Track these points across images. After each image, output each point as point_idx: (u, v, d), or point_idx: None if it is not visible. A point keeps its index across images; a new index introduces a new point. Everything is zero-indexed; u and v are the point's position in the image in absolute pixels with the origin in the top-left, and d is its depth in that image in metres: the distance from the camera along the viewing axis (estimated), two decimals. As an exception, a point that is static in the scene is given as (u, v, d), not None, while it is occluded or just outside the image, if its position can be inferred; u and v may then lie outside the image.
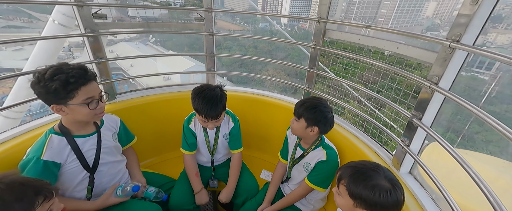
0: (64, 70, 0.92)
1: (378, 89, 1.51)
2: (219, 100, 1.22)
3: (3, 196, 0.63)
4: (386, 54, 3.04)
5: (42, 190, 0.71)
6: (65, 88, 0.91)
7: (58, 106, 0.95)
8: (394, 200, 0.74)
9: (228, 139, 1.48)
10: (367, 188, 0.75)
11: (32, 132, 1.24)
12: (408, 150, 1.07)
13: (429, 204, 0.98)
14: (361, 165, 0.82)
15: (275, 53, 15.73)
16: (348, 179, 0.80)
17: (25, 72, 1.28)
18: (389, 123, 1.44)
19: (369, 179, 0.77)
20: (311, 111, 1.16)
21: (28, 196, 0.67)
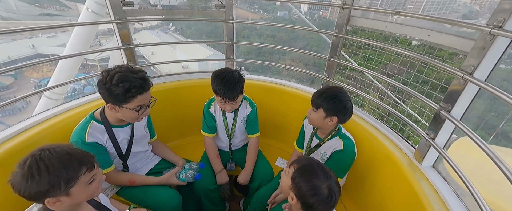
0: (129, 78, 1.00)
1: (404, 80, 1.44)
2: (237, 82, 1.26)
3: (54, 163, 0.70)
4: (414, 44, 2.87)
5: (85, 161, 0.77)
6: (125, 95, 1.00)
7: (113, 105, 1.05)
8: (319, 206, 0.82)
9: (245, 124, 1.52)
10: (307, 182, 0.84)
11: (71, 111, 1.37)
12: (433, 143, 1.03)
13: (453, 199, 0.95)
14: (318, 164, 0.89)
15: (294, 43, 15.32)
16: (300, 167, 0.89)
17: (64, 56, 1.39)
18: (414, 116, 1.37)
19: (314, 177, 0.84)
20: (331, 101, 1.14)
21: (73, 165, 0.74)
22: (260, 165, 1.58)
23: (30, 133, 1.16)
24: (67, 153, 0.74)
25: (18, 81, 15.61)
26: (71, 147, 0.77)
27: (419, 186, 1.03)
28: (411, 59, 1.28)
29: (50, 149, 0.73)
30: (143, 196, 1.26)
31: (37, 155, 0.70)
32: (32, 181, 0.67)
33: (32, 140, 1.14)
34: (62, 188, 0.71)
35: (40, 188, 0.68)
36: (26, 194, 0.69)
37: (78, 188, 0.75)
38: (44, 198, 0.71)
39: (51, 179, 0.69)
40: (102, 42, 16.41)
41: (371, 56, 1.72)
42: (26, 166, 0.68)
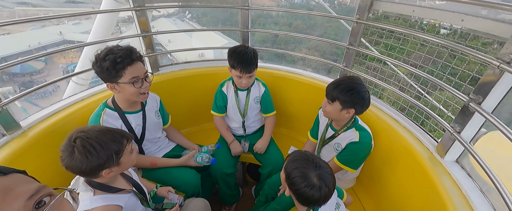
0: (113, 51, 1.03)
1: (429, 70, 1.35)
2: (253, 56, 1.35)
3: (102, 138, 0.80)
4: (443, 32, 2.66)
5: (125, 134, 0.88)
6: (114, 67, 1.02)
7: (111, 84, 1.08)
8: (310, 195, 0.82)
9: (258, 103, 1.57)
10: (297, 170, 0.86)
11: (96, 95, 1.44)
12: (458, 137, 0.97)
13: (476, 196, 0.90)
14: (309, 156, 0.90)
15: (310, 31, 14.80)
16: (291, 157, 0.92)
17: (88, 43, 1.46)
18: (438, 108, 1.30)
19: (304, 166, 0.86)
20: (348, 93, 1.10)
21: (117, 137, 0.84)
22: (271, 152, 1.60)
23: (61, 115, 1.25)
24: (107, 130, 0.84)
25: (48, 65, 16.66)
26: (105, 126, 0.87)
27: (440, 180, 0.99)
28: (439, 47, 1.19)
29: (90, 130, 0.81)
30: (165, 177, 1.34)
31: (83, 135, 0.78)
32: (92, 157, 0.76)
33: (63, 121, 1.23)
34: (115, 159, 0.82)
35: (100, 161, 0.78)
36: (87, 169, 0.78)
37: (125, 157, 0.86)
38: (101, 170, 0.81)
39: (106, 152, 0.79)
40: (122, 29, 16.90)
41: (394, 44, 1.62)
42: (80, 146, 0.76)
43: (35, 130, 1.13)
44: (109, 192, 0.89)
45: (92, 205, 0.83)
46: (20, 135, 1.10)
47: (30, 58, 1.15)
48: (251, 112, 1.59)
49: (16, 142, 1.06)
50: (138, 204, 1.01)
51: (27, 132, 1.12)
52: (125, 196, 0.93)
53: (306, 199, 0.85)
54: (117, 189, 0.91)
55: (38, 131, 1.14)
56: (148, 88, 1.17)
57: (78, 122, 1.28)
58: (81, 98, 1.37)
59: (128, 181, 1.01)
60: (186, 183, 1.35)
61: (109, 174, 0.84)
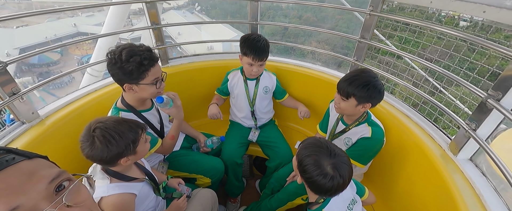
0: (137, 52, 0.99)
1: (445, 64, 1.29)
2: (266, 44, 1.37)
3: (120, 128, 0.83)
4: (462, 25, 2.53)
5: (139, 124, 0.92)
6: (139, 69, 0.99)
7: (130, 85, 1.04)
8: (322, 184, 0.78)
9: (268, 94, 1.59)
10: (309, 157, 0.82)
11: (110, 86, 1.47)
12: (473, 135, 0.93)
13: (490, 195, 0.87)
14: (323, 142, 0.85)
15: (321, 24, 14.44)
16: (304, 144, 0.88)
17: (100, 35, 1.49)
18: (453, 104, 1.25)
19: (317, 152, 0.82)
20: (364, 89, 1.06)
21: (133, 127, 0.88)
22: (279, 145, 1.60)
23: (76, 104, 1.30)
24: (123, 120, 0.87)
25: (63, 57, 17.26)
26: (121, 117, 0.89)
27: (452, 178, 0.96)
28: (457, 40, 1.13)
29: (107, 120, 0.84)
30: (193, 165, 1.41)
31: (101, 126, 0.81)
32: (112, 146, 0.80)
33: (79, 111, 1.28)
34: (132, 147, 0.86)
35: (119, 150, 0.82)
36: (108, 158, 0.82)
37: (140, 146, 0.90)
38: (120, 159, 0.85)
39: (124, 141, 0.83)
40: (133, 21, 17.16)
41: (409, 37, 1.56)
42: (100, 136, 0.80)
43: (52, 118, 1.19)
44: (124, 181, 0.92)
45: (108, 192, 0.87)
46: (38, 123, 1.15)
47: (46, 50, 1.19)
48: (260, 102, 1.60)
49: (35, 130, 1.11)
50: (151, 192, 1.05)
51: (45, 120, 1.17)
52: (139, 185, 0.97)
53: (317, 187, 0.81)
54: (131, 178, 0.95)
55: (55, 119, 1.19)
56: (164, 87, 1.17)
57: (93, 111, 1.33)
58: (95, 89, 1.41)
59: (141, 170, 1.04)
60: (214, 168, 1.44)
61: (127, 162, 0.88)
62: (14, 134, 1.06)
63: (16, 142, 1.04)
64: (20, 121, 1.12)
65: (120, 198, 0.88)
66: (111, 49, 1.02)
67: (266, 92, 1.59)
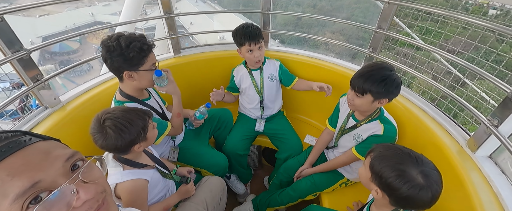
0: (135, 39, 1.01)
1: (470, 56, 1.21)
2: (255, 27, 1.40)
3: (129, 116, 0.86)
4: (491, 14, 2.34)
5: (146, 111, 0.95)
6: (140, 55, 1.02)
7: (129, 72, 1.04)
8: (421, 198, 0.66)
9: (274, 81, 1.59)
10: (391, 169, 0.69)
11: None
12: (495, 131, 0.89)
13: (508, 193, 0.84)
14: (401, 148, 0.73)
15: (336, 14, 13.87)
16: (377, 153, 0.74)
17: (114, 24, 1.52)
18: (475, 99, 1.18)
19: (399, 162, 0.69)
20: (381, 84, 0.99)
21: (140, 115, 0.91)
22: (289, 137, 1.61)
23: (95, 91, 1.36)
24: (131, 109, 0.90)
25: (82, 46, 17.90)
26: (126, 106, 0.92)
27: (468, 176, 0.93)
28: (484, 30, 1.06)
29: (114, 110, 0.87)
30: (198, 159, 1.44)
31: (110, 116, 0.84)
32: (125, 134, 0.84)
33: (97, 97, 1.34)
34: (143, 134, 0.89)
35: (132, 137, 0.86)
36: (123, 146, 0.86)
37: (150, 132, 0.93)
38: (133, 146, 0.89)
39: (135, 128, 0.86)
40: (147, 11, 17.36)
41: (431, 27, 1.47)
42: (112, 126, 0.83)
43: (73, 104, 1.25)
44: (136, 168, 0.96)
45: (123, 179, 0.92)
46: (60, 108, 1.22)
47: (66, 38, 1.24)
48: (268, 91, 1.60)
49: (57, 115, 1.18)
50: (161, 179, 1.09)
51: (66, 106, 1.24)
52: (150, 172, 1.02)
53: (413, 203, 0.68)
54: (143, 165, 0.99)
55: (76, 105, 1.25)
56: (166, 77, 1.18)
57: (111, 97, 1.38)
58: (112, 76, 1.46)
59: (150, 158, 1.08)
60: (217, 164, 1.45)
61: (140, 149, 0.92)
62: (38, 118, 1.13)
63: (40, 126, 1.12)
64: (43, 106, 1.19)
65: (134, 183, 0.93)
66: (104, 39, 1.03)
67: (272, 80, 1.59)
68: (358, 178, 1.39)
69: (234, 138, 1.60)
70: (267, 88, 1.59)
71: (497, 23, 0.93)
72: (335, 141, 1.39)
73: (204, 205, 1.14)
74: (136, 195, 0.93)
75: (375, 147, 0.79)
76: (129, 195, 0.92)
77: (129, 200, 0.92)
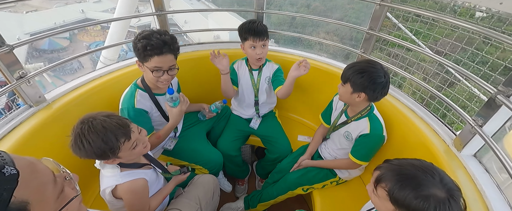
0: (151, 37, 1.05)
1: (456, 58, 1.25)
2: (262, 24, 1.38)
3: (93, 138, 0.77)
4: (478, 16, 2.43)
5: (120, 134, 0.82)
6: (143, 52, 1.05)
7: (139, 62, 1.12)
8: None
9: (268, 84, 1.57)
10: (418, 198, 0.61)
11: (116, 72, 1.49)
12: (479, 131, 0.91)
13: (492, 191, 0.86)
14: (410, 166, 0.67)
15: (330, 14, 13.98)
16: (392, 183, 0.66)
17: (104, 20, 1.50)
18: (461, 100, 1.22)
19: (421, 187, 0.62)
20: (358, 75, 1.03)
21: (110, 139, 0.79)
22: (279, 140, 1.62)
23: (83, 89, 1.32)
24: (103, 127, 0.79)
25: (72, 43, 17.42)
26: (107, 120, 0.80)
27: (454, 174, 0.95)
28: (470, 33, 1.09)
29: (89, 122, 0.79)
30: (193, 154, 1.43)
31: (79, 129, 0.78)
32: (83, 151, 0.78)
33: (86, 95, 1.30)
34: (111, 155, 0.82)
35: (93, 155, 0.80)
36: (86, 158, 0.81)
37: (124, 153, 0.85)
38: (101, 159, 0.86)
39: (95, 150, 0.78)
40: (140, 9, 17.09)
41: (420, 29, 1.50)
42: (72, 140, 0.79)
43: (59, 102, 1.21)
44: (134, 168, 0.95)
45: (123, 180, 0.90)
46: (45, 107, 1.18)
47: (54, 33, 1.20)
48: (262, 93, 1.60)
49: (42, 113, 1.15)
50: (158, 177, 1.09)
51: (52, 104, 1.20)
52: (148, 172, 1.01)
53: None
54: (140, 165, 0.98)
55: (62, 103, 1.21)
56: (169, 81, 1.17)
57: (100, 96, 1.35)
58: (101, 74, 1.43)
59: (147, 158, 1.07)
60: (213, 161, 1.45)
61: (114, 162, 0.87)
62: (21, 117, 1.09)
63: (23, 125, 1.08)
64: (27, 104, 1.15)
65: (135, 183, 0.93)
66: (139, 32, 1.11)
67: (268, 82, 1.59)
68: (349, 177, 1.41)
69: (226, 139, 1.60)
70: (262, 90, 1.59)
71: (482, 26, 0.96)
72: (328, 134, 1.43)
73: (197, 201, 1.15)
74: (137, 195, 0.94)
75: (380, 176, 0.71)
76: (131, 195, 0.92)
77: (131, 200, 0.93)
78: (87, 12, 18.40)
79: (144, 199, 0.98)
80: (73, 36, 17.77)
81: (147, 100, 1.21)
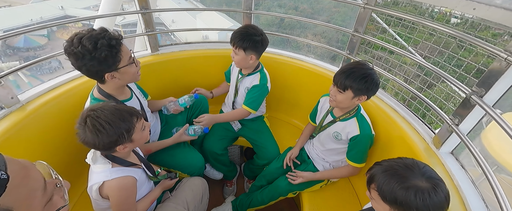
0: (99, 36, 0.90)
1: (434, 60, 1.31)
2: (250, 34, 1.30)
3: (111, 118, 0.81)
4: (454, 22, 2.56)
5: (134, 112, 0.89)
6: (111, 52, 0.91)
7: (110, 74, 0.96)
8: (435, 203, 0.64)
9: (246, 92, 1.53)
10: (402, 189, 0.66)
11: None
12: (456, 129, 0.96)
13: (467, 187, 0.91)
14: (393, 163, 0.72)
15: (317, 17, 14.29)
16: (379, 182, 0.71)
17: (92, 16, 1.42)
18: (439, 100, 1.28)
19: (403, 179, 0.67)
20: (362, 81, 1.05)
21: (126, 116, 0.85)
22: (267, 147, 1.61)
23: (60, 90, 1.25)
24: (116, 109, 0.84)
25: (51, 42, 16.52)
26: (116, 105, 0.86)
27: (433, 171, 1.00)
28: (447, 37, 1.15)
29: (100, 108, 0.82)
30: (172, 159, 1.36)
31: (93, 114, 0.80)
32: (102, 135, 0.79)
33: (62, 97, 1.24)
34: (126, 136, 0.84)
35: (111, 139, 0.81)
36: (101, 145, 0.82)
37: (137, 134, 0.89)
38: (115, 146, 0.85)
39: (116, 130, 0.81)
40: (124, 6, 16.51)
41: (401, 32, 1.56)
42: (90, 125, 0.79)
43: (34, 104, 1.14)
44: (125, 166, 0.94)
45: (111, 176, 0.88)
46: (18, 108, 1.11)
47: (29, 30, 1.13)
48: (240, 97, 1.57)
49: (15, 115, 1.07)
50: (147, 179, 1.06)
51: (26, 106, 1.13)
52: (138, 171, 0.99)
53: (433, 209, 0.65)
54: (131, 163, 0.96)
55: (37, 105, 1.14)
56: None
57: (78, 97, 1.28)
58: (80, 74, 1.35)
59: (138, 158, 1.05)
60: (192, 165, 1.38)
61: (125, 150, 0.88)
62: (-8, 119, 1.02)
63: (-5, 127, 1.00)
64: (-1, 105, 1.07)
65: (124, 180, 0.91)
66: (65, 47, 0.91)
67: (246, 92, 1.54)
68: (336, 173, 1.44)
69: (213, 137, 1.58)
70: (240, 95, 1.56)
71: (457, 30, 1.02)
72: (315, 133, 1.45)
73: (185, 205, 1.13)
74: (125, 192, 0.91)
75: (369, 177, 0.76)
76: (119, 192, 0.90)
77: (118, 198, 0.90)
78: (67, 9, 17.55)
79: (131, 200, 0.95)
80: (51, 34, 16.86)
81: None
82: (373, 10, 1.34)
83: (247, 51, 1.32)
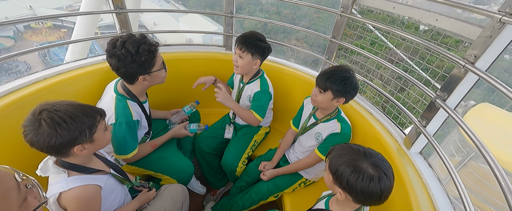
0: (140, 41, 1.01)
1: (404, 66, 1.41)
2: (257, 39, 1.33)
3: (73, 111, 0.74)
4: (422, 28, 2.76)
5: (97, 110, 0.82)
6: (150, 56, 1.02)
7: (143, 76, 1.07)
8: (363, 186, 0.69)
9: (250, 102, 1.52)
10: (345, 165, 0.73)
11: (60, 76, 1.33)
12: (423, 131, 1.03)
13: (434, 184, 0.98)
14: (353, 146, 0.78)
15: (299, 22, 14.70)
16: (333, 153, 0.79)
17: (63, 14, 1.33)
18: (408, 103, 1.37)
19: (352, 159, 0.74)
20: (341, 83, 1.11)
21: (90, 112, 0.79)
22: (230, 151, 1.58)
23: (20, 93, 1.15)
24: (79, 105, 0.78)
25: (18, 43, 15.29)
26: (75, 101, 0.79)
27: (405, 171, 1.06)
28: (415, 45, 1.24)
29: (57, 103, 0.74)
30: (161, 163, 1.34)
31: (49, 108, 0.72)
32: (62, 130, 0.70)
33: (24, 100, 1.14)
34: (88, 134, 0.77)
35: (71, 136, 0.72)
36: (57, 144, 0.71)
37: (99, 134, 0.81)
38: (72, 147, 0.75)
39: (78, 126, 0.73)
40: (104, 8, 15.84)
41: (376, 39, 1.66)
42: (47, 118, 0.69)
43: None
44: (85, 173, 0.84)
45: (68, 186, 0.78)
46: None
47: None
48: (241, 104, 1.56)
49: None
50: (118, 185, 0.99)
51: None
52: (104, 177, 0.90)
53: (368, 197, 0.71)
54: (93, 170, 0.87)
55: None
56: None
57: (44, 98, 1.19)
58: (45, 76, 1.26)
59: (105, 163, 0.97)
60: (182, 170, 1.38)
61: (82, 152, 0.78)
62: None
63: None
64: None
65: (83, 190, 0.81)
66: (108, 48, 1.01)
67: (249, 101, 1.53)
68: (316, 177, 1.47)
69: (204, 133, 1.58)
70: (242, 103, 1.55)
71: (423, 38, 1.10)
72: (296, 137, 1.47)
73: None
74: (85, 204, 0.81)
75: (331, 149, 0.83)
76: (77, 204, 0.79)
77: (77, 210, 0.80)
78: (36, 9, 16.37)
79: (94, 210, 0.86)
80: (18, 35, 15.63)
81: (138, 110, 1.18)
82: (348, 18, 1.41)
83: (254, 56, 1.35)
